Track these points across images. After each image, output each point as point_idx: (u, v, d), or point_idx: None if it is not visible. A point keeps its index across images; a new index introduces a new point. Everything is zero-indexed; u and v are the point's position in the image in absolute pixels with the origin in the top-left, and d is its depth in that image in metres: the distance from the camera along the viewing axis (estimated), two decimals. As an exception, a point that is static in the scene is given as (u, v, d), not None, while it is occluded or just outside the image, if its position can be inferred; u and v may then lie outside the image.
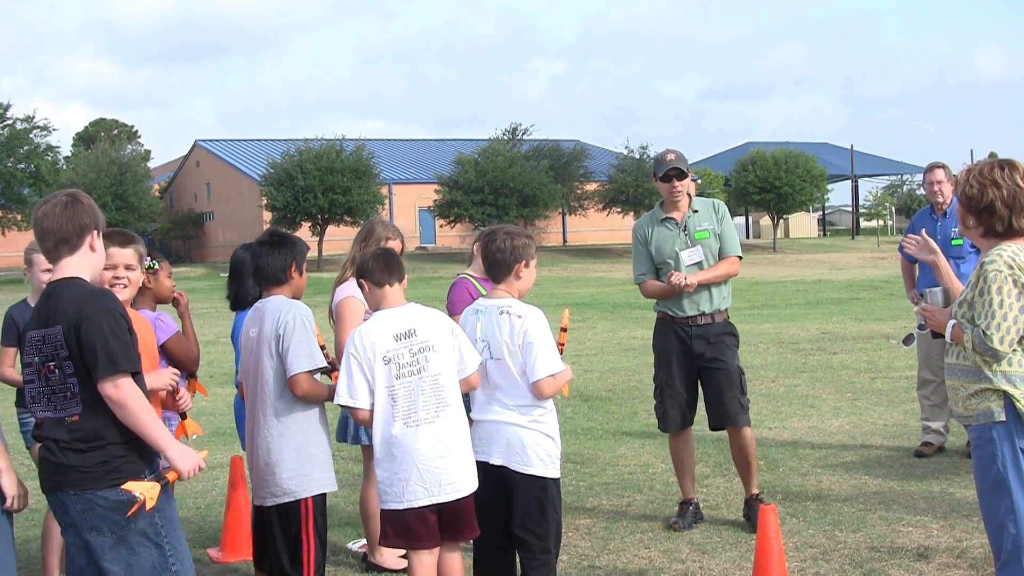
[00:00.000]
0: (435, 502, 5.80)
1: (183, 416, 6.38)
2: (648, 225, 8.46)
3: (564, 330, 6.63)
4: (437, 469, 5.78)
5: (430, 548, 5.88)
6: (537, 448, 6.08)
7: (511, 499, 6.10)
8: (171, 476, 4.86)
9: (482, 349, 6.08)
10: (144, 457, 4.88)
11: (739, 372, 8.26)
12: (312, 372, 6.03)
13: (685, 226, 8.29)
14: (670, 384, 8.33)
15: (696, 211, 8.33)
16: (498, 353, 6.07)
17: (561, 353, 6.43)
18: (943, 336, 5.69)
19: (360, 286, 6.17)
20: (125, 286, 6.01)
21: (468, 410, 6.18)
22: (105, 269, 5.83)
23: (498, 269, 6.25)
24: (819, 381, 15.36)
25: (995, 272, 5.32)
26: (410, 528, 5.84)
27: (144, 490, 4.74)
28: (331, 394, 6.17)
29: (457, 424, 5.88)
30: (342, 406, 5.95)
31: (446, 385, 5.85)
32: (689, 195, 8.43)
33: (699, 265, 8.23)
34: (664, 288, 8.21)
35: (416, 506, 5.79)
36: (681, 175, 8.25)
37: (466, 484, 5.88)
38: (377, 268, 6.00)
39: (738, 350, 8.39)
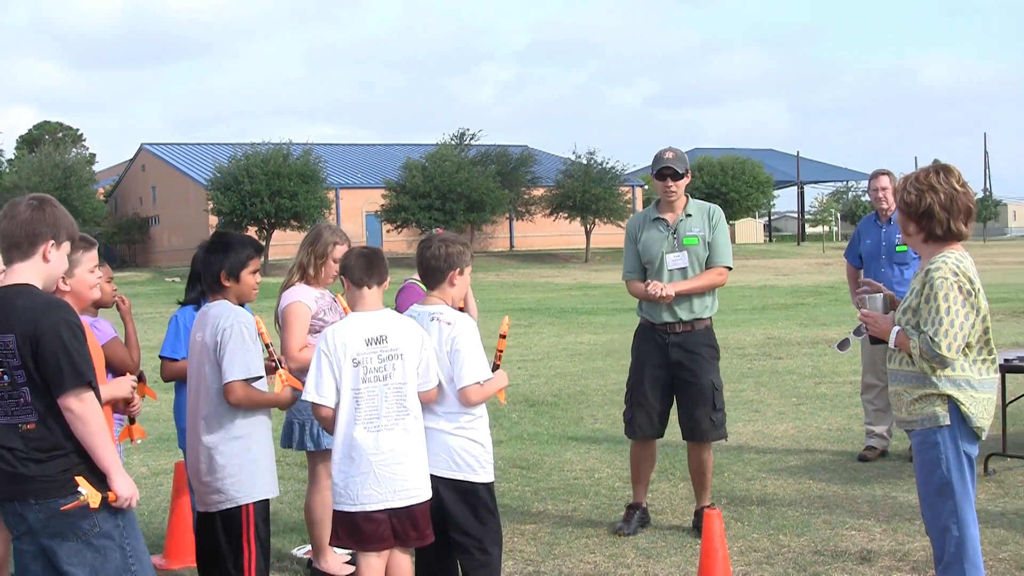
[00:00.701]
0: (388, 507, 5.80)
1: (131, 420, 6.32)
2: (640, 223, 8.32)
3: (503, 337, 6.61)
4: (394, 475, 5.78)
5: (379, 551, 5.87)
6: (465, 454, 6.08)
7: (444, 505, 6.10)
8: (111, 496, 4.80)
9: None
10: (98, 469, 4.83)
11: (712, 388, 8.07)
12: (248, 381, 5.97)
13: (675, 229, 8.14)
14: (641, 391, 8.16)
15: (690, 215, 8.18)
16: None
17: (499, 360, 6.44)
18: (883, 342, 5.74)
19: (341, 281, 6.17)
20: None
21: None
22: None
23: (432, 276, 6.26)
24: (764, 386, 15.45)
25: (941, 279, 5.37)
26: (361, 530, 5.83)
27: (91, 492, 4.70)
28: (271, 401, 6.13)
29: (416, 432, 5.89)
30: (308, 402, 5.93)
31: (409, 394, 5.87)
32: (688, 196, 8.29)
33: (683, 271, 8.07)
34: (644, 291, 8.08)
35: (369, 509, 5.79)
36: (676, 175, 8.11)
37: (420, 491, 5.88)
38: (358, 267, 5.99)
39: (718, 362, 8.24)
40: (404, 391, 5.84)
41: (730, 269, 8.25)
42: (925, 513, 5.67)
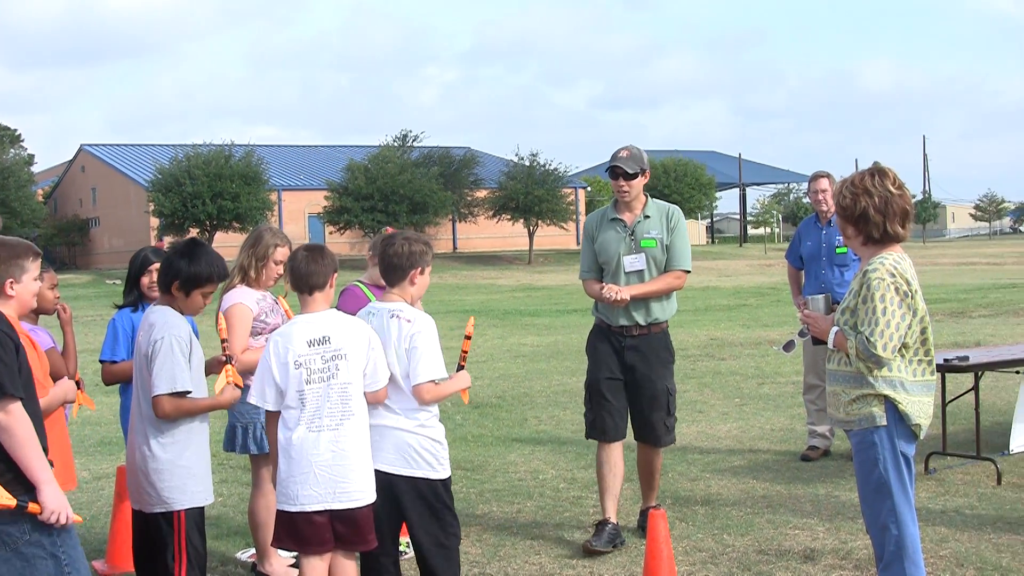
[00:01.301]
0: (328, 508, 5.77)
1: None
2: (598, 222, 8.16)
3: (468, 338, 6.60)
4: (334, 476, 5.75)
5: (320, 553, 5.84)
6: (424, 452, 6.07)
7: (401, 504, 6.08)
8: (33, 508, 4.69)
9: None
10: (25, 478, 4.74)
11: (666, 393, 7.99)
12: (175, 394, 5.87)
13: (632, 231, 7.98)
14: (598, 391, 8.01)
15: (648, 216, 8.01)
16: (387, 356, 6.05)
17: (464, 361, 6.44)
18: (824, 343, 5.79)
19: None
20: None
21: None
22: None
23: (393, 273, 6.24)
24: (707, 387, 15.53)
25: (878, 280, 5.43)
26: (301, 532, 5.80)
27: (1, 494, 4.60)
28: (208, 406, 6.03)
29: (360, 433, 5.86)
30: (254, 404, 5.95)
31: (354, 395, 5.84)
32: (647, 196, 8.14)
33: (640, 274, 7.94)
34: (599, 293, 7.96)
35: (308, 510, 5.76)
36: (627, 175, 7.93)
37: (363, 494, 5.84)
38: (298, 272, 5.96)
39: (673, 366, 8.19)
40: (349, 391, 5.81)
41: (688, 272, 8.13)
42: (865, 512, 5.74)
